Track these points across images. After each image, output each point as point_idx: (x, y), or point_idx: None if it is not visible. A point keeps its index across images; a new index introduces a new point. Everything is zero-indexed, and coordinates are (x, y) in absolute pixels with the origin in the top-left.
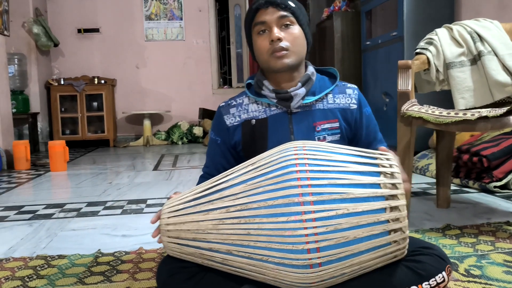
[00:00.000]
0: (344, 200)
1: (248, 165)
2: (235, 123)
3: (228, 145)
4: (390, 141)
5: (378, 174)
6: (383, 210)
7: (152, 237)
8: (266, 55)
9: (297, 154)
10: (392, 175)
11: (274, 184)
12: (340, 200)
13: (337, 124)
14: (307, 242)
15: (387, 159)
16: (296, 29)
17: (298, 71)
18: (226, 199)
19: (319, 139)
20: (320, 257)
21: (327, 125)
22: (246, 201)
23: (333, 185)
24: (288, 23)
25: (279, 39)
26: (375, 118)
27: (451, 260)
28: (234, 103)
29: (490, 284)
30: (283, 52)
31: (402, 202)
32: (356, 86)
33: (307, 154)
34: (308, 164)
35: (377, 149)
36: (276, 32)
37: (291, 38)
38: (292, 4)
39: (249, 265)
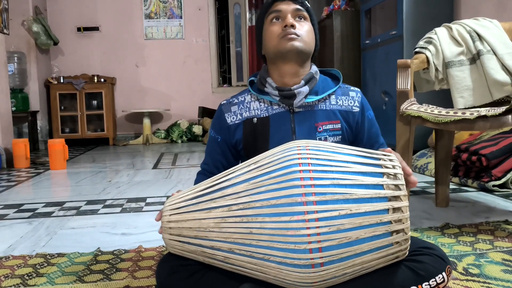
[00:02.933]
0: (347, 201)
1: (250, 164)
2: (236, 121)
3: (229, 144)
4: (389, 140)
5: (381, 175)
6: (386, 211)
7: (159, 233)
8: (276, 39)
9: (300, 154)
10: (395, 176)
11: (277, 183)
12: (343, 201)
13: (339, 125)
14: (310, 242)
15: (390, 160)
16: (308, 25)
17: (303, 67)
18: (228, 197)
19: (320, 140)
20: (322, 257)
21: (329, 126)
22: (248, 200)
23: (336, 186)
24: (302, 16)
25: (293, 26)
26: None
27: (450, 259)
28: (236, 101)
29: (489, 283)
30: (294, 36)
31: (405, 203)
32: (359, 89)
33: (310, 154)
34: (311, 164)
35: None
36: (291, 19)
37: (303, 29)
38: (307, 4)
39: (250, 264)
